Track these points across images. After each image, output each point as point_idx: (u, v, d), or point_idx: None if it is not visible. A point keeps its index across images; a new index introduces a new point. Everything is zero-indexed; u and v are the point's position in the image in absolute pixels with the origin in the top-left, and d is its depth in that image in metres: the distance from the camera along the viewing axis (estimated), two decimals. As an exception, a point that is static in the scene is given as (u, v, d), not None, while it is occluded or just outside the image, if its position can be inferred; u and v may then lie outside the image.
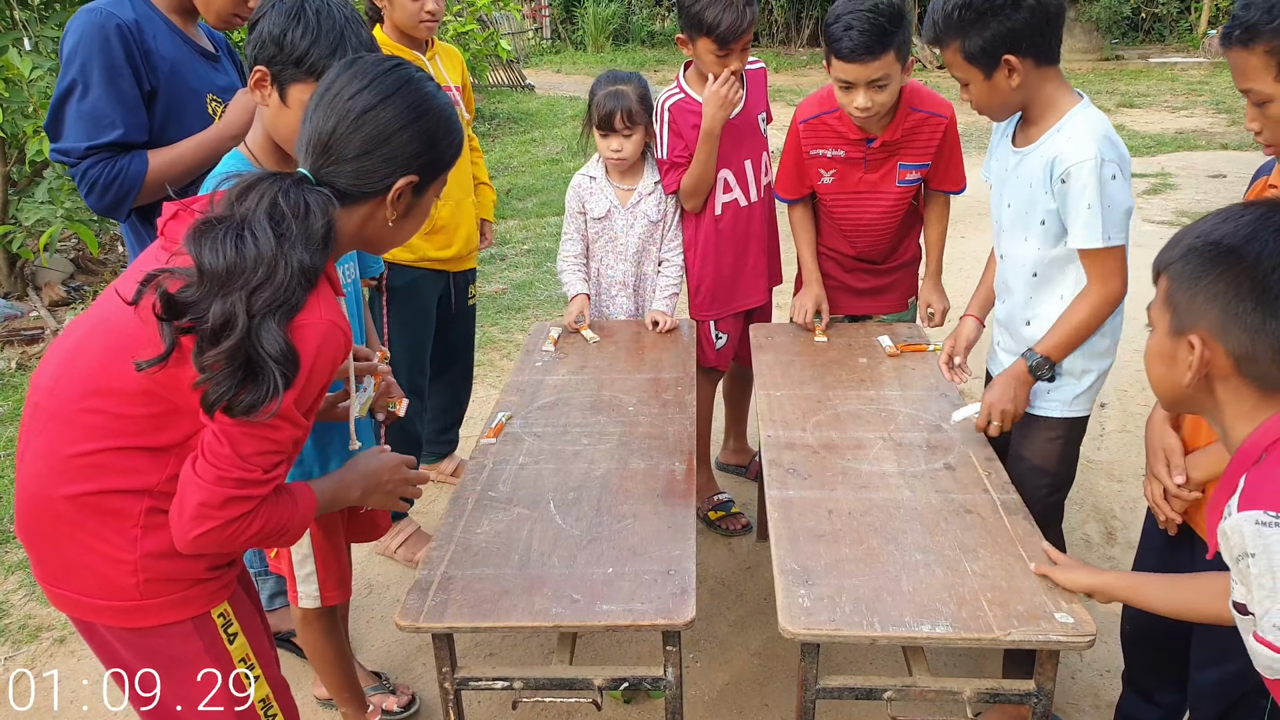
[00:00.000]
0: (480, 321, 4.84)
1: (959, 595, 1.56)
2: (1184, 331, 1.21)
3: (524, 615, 1.57)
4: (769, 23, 16.15)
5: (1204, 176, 7.11)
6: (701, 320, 2.85)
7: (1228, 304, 1.17)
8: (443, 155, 1.46)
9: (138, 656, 1.44)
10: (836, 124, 2.50)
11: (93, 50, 1.91)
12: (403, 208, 1.45)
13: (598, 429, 2.18)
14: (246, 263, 1.24)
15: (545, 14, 17.68)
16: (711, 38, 2.50)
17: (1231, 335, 1.17)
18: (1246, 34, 1.47)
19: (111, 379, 1.32)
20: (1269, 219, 1.18)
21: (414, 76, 1.43)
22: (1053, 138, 1.92)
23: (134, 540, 1.36)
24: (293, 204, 1.30)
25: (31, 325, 4.76)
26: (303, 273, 1.28)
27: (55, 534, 1.38)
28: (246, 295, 1.23)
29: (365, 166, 1.38)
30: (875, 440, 2.08)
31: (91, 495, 1.34)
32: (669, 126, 2.69)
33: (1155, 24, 14.99)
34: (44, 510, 1.37)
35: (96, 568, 1.37)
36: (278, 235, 1.27)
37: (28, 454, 1.40)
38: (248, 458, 1.28)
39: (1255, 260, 1.15)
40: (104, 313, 1.39)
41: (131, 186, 1.96)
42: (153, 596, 1.39)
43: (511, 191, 7.44)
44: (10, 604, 2.79)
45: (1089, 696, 2.34)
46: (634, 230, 2.75)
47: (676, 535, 1.77)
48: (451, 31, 8.11)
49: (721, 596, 2.74)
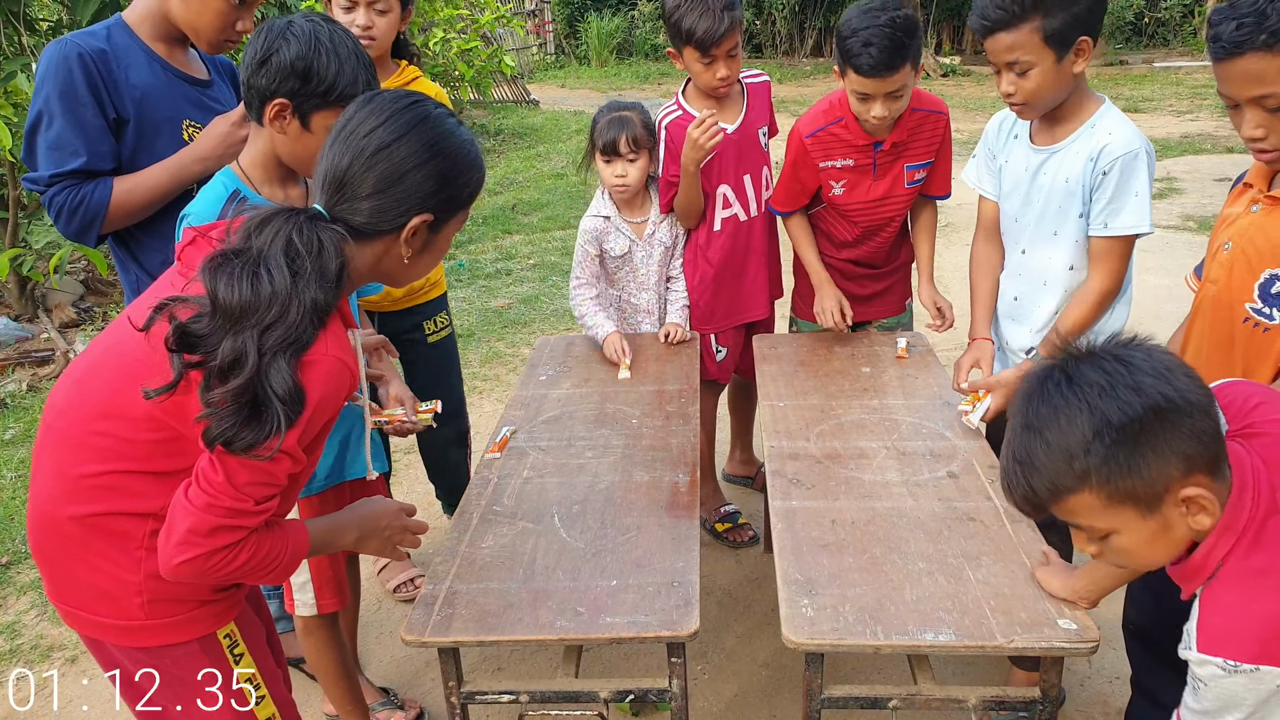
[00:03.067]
0: (486, 336, 4.86)
1: (962, 603, 1.57)
2: (1160, 500, 1.18)
3: (529, 629, 1.58)
4: (772, 34, 16.19)
5: (1210, 180, 7.10)
6: (702, 334, 2.86)
7: (1177, 444, 1.16)
8: (459, 193, 1.44)
9: (145, 674, 1.45)
10: (843, 133, 2.52)
11: (55, 81, 1.95)
12: (418, 244, 1.43)
13: (602, 442, 2.19)
14: (261, 301, 1.24)
15: (549, 29, 17.78)
16: (693, 44, 2.51)
17: (1197, 459, 1.17)
18: (1272, 37, 1.45)
19: (120, 404, 1.34)
20: (1107, 369, 1.17)
21: (431, 114, 1.41)
22: (1088, 133, 1.99)
23: (138, 561, 1.38)
24: (306, 241, 1.30)
25: (42, 347, 4.80)
26: (315, 311, 1.28)
27: (64, 553, 1.40)
28: (258, 334, 1.24)
29: (379, 205, 1.37)
30: (879, 450, 2.08)
31: (97, 516, 1.36)
32: (667, 146, 2.69)
33: (1159, 28, 14.99)
34: (53, 529, 1.39)
35: (103, 587, 1.39)
36: (293, 273, 1.27)
37: (37, 475, 1.42)
38: (241, 487, 1.28)
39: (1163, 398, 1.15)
40: (117, 337, 1.41)
41: (96, 213, 1.98)
42: (158, 617, 1.41)
43: (516, 207, 7.48)
44: (22, 624, 2.81)
45: (1098, 704, 2.33)
46: (653, 260, 2.78)
47: (680, 547, 1.78)
48: (456, 48, 8.17)
49: (729, 608, 2.74)
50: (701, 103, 2.68)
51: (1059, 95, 1.99)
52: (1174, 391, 1.15)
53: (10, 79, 4.05)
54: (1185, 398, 1.16)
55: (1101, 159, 1.95)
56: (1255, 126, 1.54)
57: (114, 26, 2.05)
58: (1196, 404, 1.16)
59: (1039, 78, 1.92)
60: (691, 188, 2.64)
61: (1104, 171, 1.95)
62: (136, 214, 2.03)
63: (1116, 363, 1.18)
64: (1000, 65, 1.96)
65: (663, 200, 2.74)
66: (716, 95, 2.65)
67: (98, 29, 2.04)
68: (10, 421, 4.06)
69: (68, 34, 2.03)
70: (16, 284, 5.10)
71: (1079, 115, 2.02)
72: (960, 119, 9.69)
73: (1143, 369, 1.17)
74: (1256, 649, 1.16)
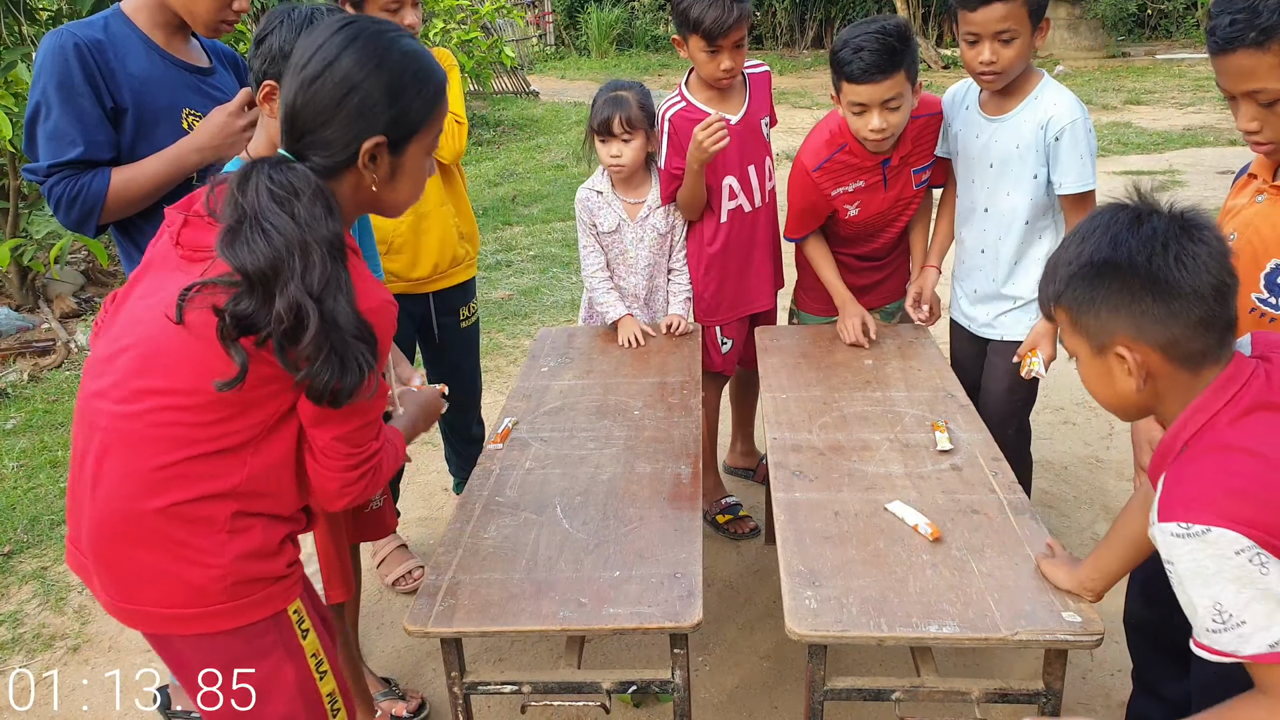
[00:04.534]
0: (487, 328, 4.85)
1: (965, 595, 1.56)
2: (1106, 348, 1.28)
3: (531, 619, 1.58)
4: (773, 25, 16.15)
5: (1213, 173, 7.08)
6: (707, 325, 2.85)
7: (1130, 308, 1.24)
8: (410, 107, 1.36)
9: (215, 661, 1.43)
10: (849, 158, 2.50)
11: (52, 71, 1.94)
12: (384, 172, 1.38)
13: (604, 433, 2.19)
14: (281, 253, 1.25)
15: (549, 20, 17.73)
16: (700, 34, 2.49)
17: (1147, 331, 1.24)
18: (1263, 35, 1.45)
19: (178, 395, 1.32)
20: (1116, 219, 1.27)
21: (367, 29, 1.34)
22: (1033, 104, 2.28)
23: (222, 545, 1.36)
24: (283, 185, 1.29)
25: (43, 337, 4.80)
26: (330, 244, 1.28)
27: (139, 549, 1.36)
28: (300, 282, 1.24)
29: (327, 137, 1.32)
30: (881, 442, 2.08)
31: (179, 505, 1.34)
32: (669, 138, 2.68)
33: (1162, 20, 14.95)
34: (130, 526, 1.35)
35: (183, 576, 1.36)
36: (292, 217, 1.27)
37: (104, 476, 1.36)
38: (357, 434, 1.38)
39: (1129, 260, 1.23)
40: (148, 333, 1.36)
41: (94, 203, 1.98)
42: (238, 598, 1.39)
43: (517, 198, 7.47)
44: (25, 613, 2.82)
45: (1100, 696, 2.33)
46: (644, 244, 2.75)
47: (683, 538, 1.78)
48: (456, 39, 8.14)
49: (730, 600, 2.74)
50: (704, 93, 2.67)
51: (1023, 66, 2.25)
52: (1158, 267, 1.22)
53: (11, 69, 4.04)
54: (1166, 277, 1.22)
55: (1051, 127, 2.23)
56: (1249, 120, 1.56)
57: (112, 16, 2.04)
58: (1184, 290, 1.21)
59: (1019, 47, 2.18)
60: (696, 185, 2.63)
61: (1056, 137, 2.23)
62: (135, 204, 2.02)
63: (1134, 219, 1.26)
64: (986, 35, 2.18)
65: (664, 192, 2.73)
66: (719, 86, 2.64)
67: (95, 19, 2.03)
68: (11, 412, 4.05)
69: (65, 24, 2.03)
70: (17, 274, 5.09)
71: (1025, 88, 2.29)
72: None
73: (1144, 235, 1.24)
74: (1210, 513, 1.17)
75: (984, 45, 2.20)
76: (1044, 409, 3.79)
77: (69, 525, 1.47)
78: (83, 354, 4.66)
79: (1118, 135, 8.48)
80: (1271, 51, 1.46)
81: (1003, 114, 2.32)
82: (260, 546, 1.39)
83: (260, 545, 1.39)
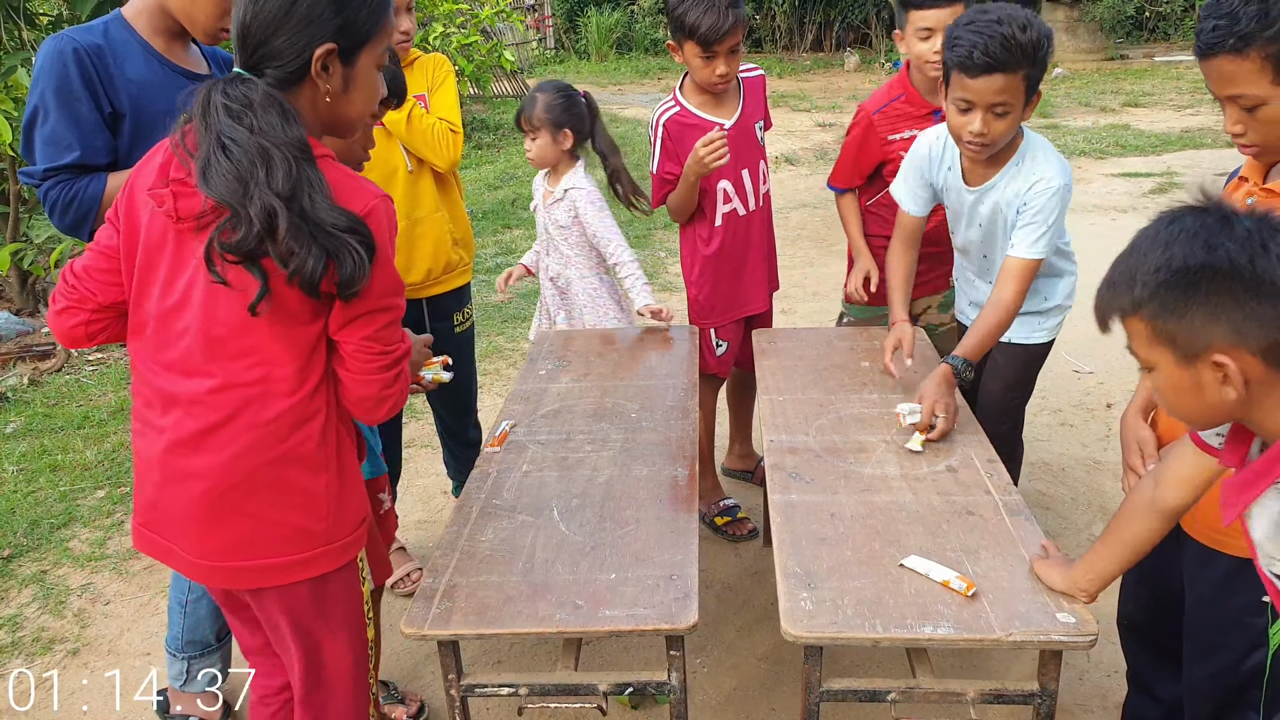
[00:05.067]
0: (485, 330, 4.86)
1: (961, 597, 1.57)
2: (1197, 357, 1.20)
3: (528, 622, 1.59)
4: (772, 28, 16.16)
5: (1210, 175, 7.09)
6: (702, 328, 2.86)
7: (1232, 313, 1.16)
8: (358, 16, 1.41)
9: (304, 610, 1.57)
10: (905, 106, 2.62)
11: (51, 76, 1.95)
12: (337, 81, 1.44)
13: (601, 436, 2.20)
14: (244, 163, 1.32)
15: (548, 24, 17.75)
16: (695, 40, 2.51)
17: (1250, 336, 1.17)
18: (1241, 41, 1.47)
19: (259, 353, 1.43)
20: (1201, 222, 1.19)
21: None
22: (1014, 171, 2.21)
23: (329, 467, 1.51)
24: (236, 99, 1.35)
25: (43, 341, 4.81)
26: (291, 147, 1.34)
27: (251, 503, 1.48)
28: (266, 187, 1.31)
29: (278, 47, 1.38)
30: (878, 443, 2.09)
31: (289, 452, 1.47)
32: (661, 143, 2.69)
33: (1159, 22, 14.96)
34: (245, 483, 1.47)
35: (292, 522, 1.50)
36: (248, 129, 1.34)
37: (207, 443, 1.46)
38: (384, 336, 1.46)
39: (1230, 263, 1.16)
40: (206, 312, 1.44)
41: (90, 207, 1.99)
42: (335, 540, 1.54)
43: (516, 201, 7.47)
44: (24, 617, 2.82)
45: (1096, 697, 2.34)
46: (548, 231, 2.84)
47: (679, 540, 1.78)
48: (455, 43, 8.15)
49: (728, 602, 2.75)
50: (699, 97, 2.69)
51: (1011, 136, 2.15)
52: (1262, 269, 1.14)
53: (10, 73, 4.05)
54: (1273, 278, 1.14)
55: (1030, 194, 2.17)
56: (1234, 123, 1.57)
57: (112, 22, 2.05)
58: None
59: (1012, 121, 2.09)
60: (689, 193, 2.66)
61: (1025, 202, 2.18)
62: None
63: (1223, 222, 1.19)
64: (980, 105, 2.06)
65: (655, 196, 2.75)
66: (714, 91, 2.66)
67: (95, 24, 2.04)
68: (11, 415, 4.06)
69: (65, 29, 2.03)
70: (17, 278, 5.10)
71: (1008, 153, 2.22)
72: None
73: (1239, 237, 1.17)
74: None
75: (976, 115, 2.08)
76: (1041, 410, 3.79)
77: (136, 509, 1.58)
78: (82, 358, 4.67)
79: (1116, 138, 8.49)
80: (1250, 58, 1.47)
81: (986, 182, 2.25)
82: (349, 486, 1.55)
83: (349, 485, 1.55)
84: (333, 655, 1.64)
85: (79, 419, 3.99)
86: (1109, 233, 5.61)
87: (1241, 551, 1.58)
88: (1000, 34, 1.99)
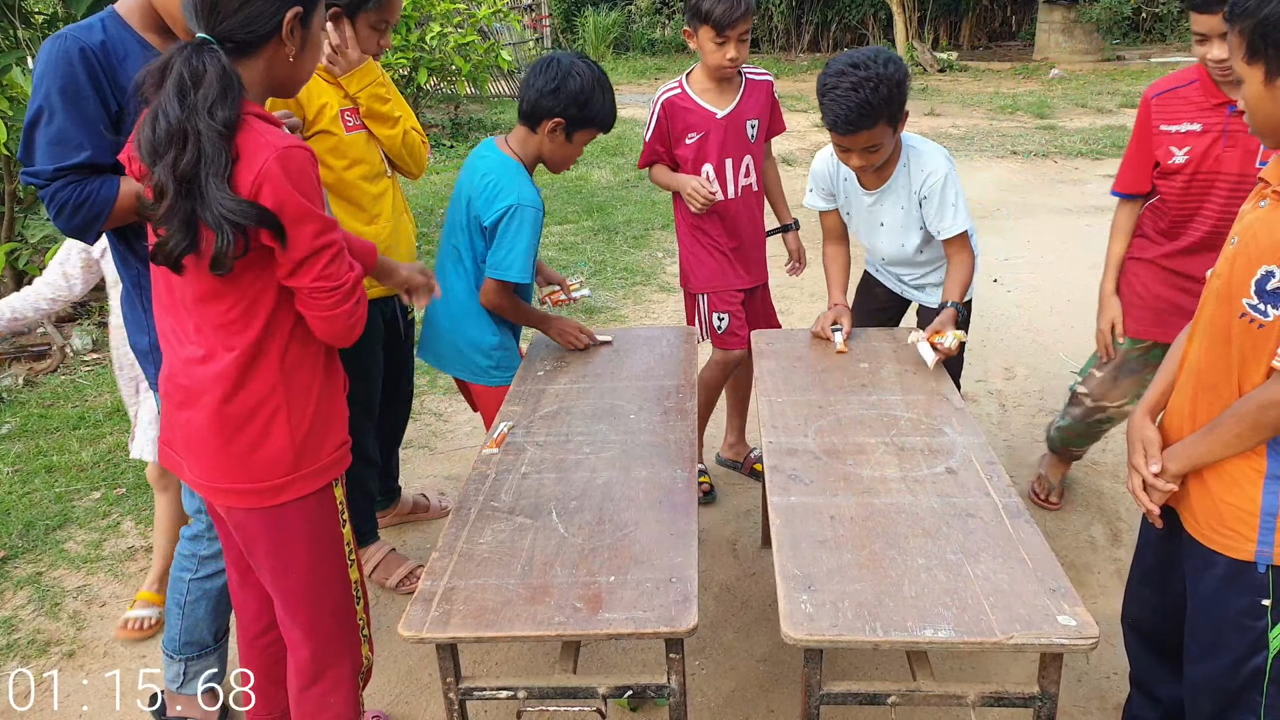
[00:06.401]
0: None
1: (961, 599, 1.57)
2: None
3: (527, 625, 1.58)
4: (769, 29, 16.17)
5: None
6: (698, 294, 3.04)
7: None
8: None
9: (280, 533, 1.70)
10: (1193, 94, 2.42)
11: (57, 76, 1.93)
12: (298, 42, 1.56)
13: (599, 437, 2.19)
14: (160, 140, 1.44)
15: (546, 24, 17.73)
16: (710, 24, 2.75)
17: None
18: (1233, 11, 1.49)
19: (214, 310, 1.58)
20: None
21: None
22: (904, 174, 2.54)
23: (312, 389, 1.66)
24: (193, 71, 1.44)
25: (38, 342, 4.79)
26: (220, 129, 1.43)
27: (238, 432, 1.62)
28: (168, 167, 1.43)
29: (252, 11, 1.48)
30: (877, 445, 2.08)
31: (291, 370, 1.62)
32: (656, 119, 2.95)
33: (1156, 24, 14.98)
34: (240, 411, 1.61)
35: (273, 452, 1.63)
36: (184, 107, 1.43)
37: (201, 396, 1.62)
38: (331, 272, 1.55)
39: None
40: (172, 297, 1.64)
41: (101, 210, 1.97)
42: (304, 466, 1.67)
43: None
44: (20, 619, 2.81)
45: (1096, 699, 2.33)
46: None
47: (678, 543, 1.78)
48: (453, 43, 8.14)
49: (727, 604, 2.74)
50: (702, 85, 2.92)
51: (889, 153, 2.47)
52: None
53: (5, 72, 4.03)
54: None
55: (924, 190, 2.50)
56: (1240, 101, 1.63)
57: (107, 18, 2.03)
58: None
59: (886, 150, 2.42)
60: (667, 186, 3.03)
61: (924, 197, 2.50)
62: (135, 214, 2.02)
63: None
64: (855, 149, 2.39)
65: (642, 158, 3.06)
66: (723, 75, 2.89)
67: (92, 21, 2.03)
68: (6, 416, 4.04)
69: (65, 28, 2.02)
70: (13, 278, 5.07)
71: (892, 163, 2.53)
72: (958, 114, 9.69)
73: None
74: None
75: (853, 155, 2.43)
76: (1040, 412, 3.79)
77: (162, 430, 1.76)
78: (78, 358, 4.65)
79: (1113, 138, 8.50)
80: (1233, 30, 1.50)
81: (880, 186, 2.58)
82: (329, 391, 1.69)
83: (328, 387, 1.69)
84: (312, 585, 1.75)
85: (74, 420, 3.98)
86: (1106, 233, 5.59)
87: (1240, 553, 1.58)
88: (857, 101, 2.26)
